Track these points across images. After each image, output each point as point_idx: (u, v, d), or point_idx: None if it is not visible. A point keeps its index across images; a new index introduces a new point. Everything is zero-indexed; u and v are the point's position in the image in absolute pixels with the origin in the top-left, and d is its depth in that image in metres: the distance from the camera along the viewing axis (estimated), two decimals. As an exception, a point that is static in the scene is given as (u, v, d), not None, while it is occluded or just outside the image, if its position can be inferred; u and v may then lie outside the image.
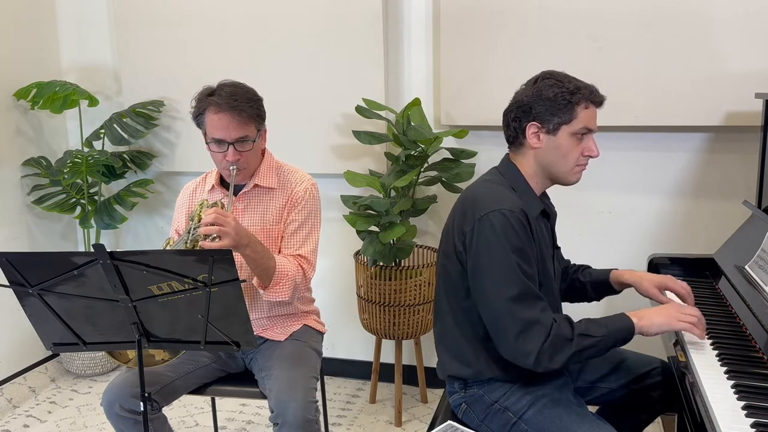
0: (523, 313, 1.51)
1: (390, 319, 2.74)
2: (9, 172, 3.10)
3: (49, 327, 1.65)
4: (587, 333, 1.53)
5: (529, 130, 1.62)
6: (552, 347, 1.50)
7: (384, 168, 2.90)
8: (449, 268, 1.67)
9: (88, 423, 2.89)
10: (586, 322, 1.56)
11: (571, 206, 2.68)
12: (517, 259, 1.53)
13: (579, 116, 1.59)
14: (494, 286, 1.54)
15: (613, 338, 1.54)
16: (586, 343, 1.52)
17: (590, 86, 1.62)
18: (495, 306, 1.54)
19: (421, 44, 2.84)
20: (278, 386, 1.87)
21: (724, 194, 2.56)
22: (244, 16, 2.94)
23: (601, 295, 1.91)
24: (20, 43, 3.12)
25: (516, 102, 1.65)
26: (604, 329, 1.54)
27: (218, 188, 2.09)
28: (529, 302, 1.52)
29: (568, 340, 1.51)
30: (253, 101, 1.95)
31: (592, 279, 1.90)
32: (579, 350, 1.52)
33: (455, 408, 1.73)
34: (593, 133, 1.64)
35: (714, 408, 1.32)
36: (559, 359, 1.51)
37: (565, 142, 1.61)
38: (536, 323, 1.51)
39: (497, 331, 1.56)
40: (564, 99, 1.58)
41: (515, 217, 1.55)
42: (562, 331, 1.52)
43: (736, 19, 2.36)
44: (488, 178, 1.71)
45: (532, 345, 1.50)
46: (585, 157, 1.64)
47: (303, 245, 2.04)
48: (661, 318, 1.56)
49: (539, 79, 1.63)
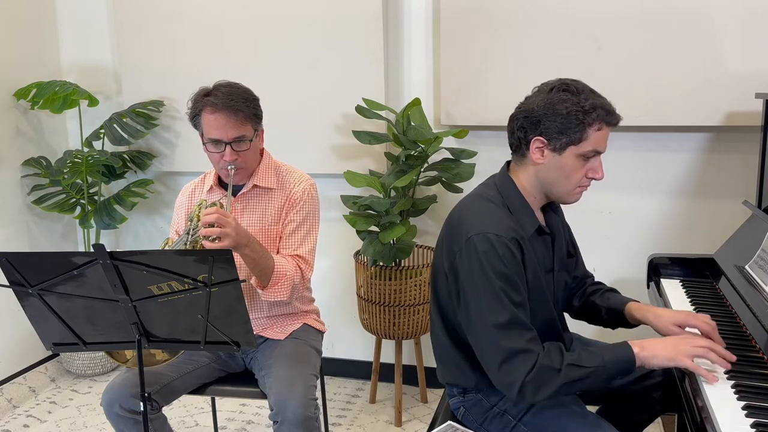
0: (507, 342, 1.44)
1: (390, 319, 2.74)
2: (9, 172, 3.10)
3: (49, 327, 1.65)
4: (578, 363, 1.43)
5: (534, 144, 1.52)
6: (537, 379, 1.41)
7: (384, 168, 2.90)
8: (439, 284, 1.62)
9: (88, 423, 2.89)
10: (580, 350, 1.47)
11: (571, 206, 2.66)
12: (501, 284, 1.45)
13: (590, 138, 1.48)
14: (478, 312, 1.47)
15: (610, 370, 1.43)
16: (576, 374, 1.42)
17: (607, 105, 1.50)
18: (479, 333, 1.48)
19: (421, 44, 2.84)
20: (278, 384, 1.88)
21: (724, 194, 2.56)
22: (245, 16, 2.94)
23: (615, 324, 1.78)
24: (20, 43, 3.12)
25: (525, 110, 1.53)
26: (600, 360, 1.43)
27: (217, 189, 2.09)
28: (515, 331, 1.44)
29: (555, 371, 1.42)
30: (250, 101, 1.95)
31: (607, 305, 1.76)
32: (568, 382, 1.42)
33: (455, 411, 1.72)
34: (601, 155, 1.54)
35: (714, 408, 1.32)
36: (545, 391, 1.42)
37: (569, 163, 1.51)
38: (520, 353, 1.43)
39: (482, 358, 1.50)
40: (577, 118, 1.46)
41: (501, 242, 1.47)
42: (550, 360, 1.43)
43: (736, 19, 2.36)
44: (483, 193, 1.62)
45: (515, 376, 1.42)
46: (588, 178, 1.54)
47: (301, 245, 2.04)
48: (667, 352, 1.43)
49: (554, 89, 1.50)
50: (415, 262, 2.92)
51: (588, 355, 1.44)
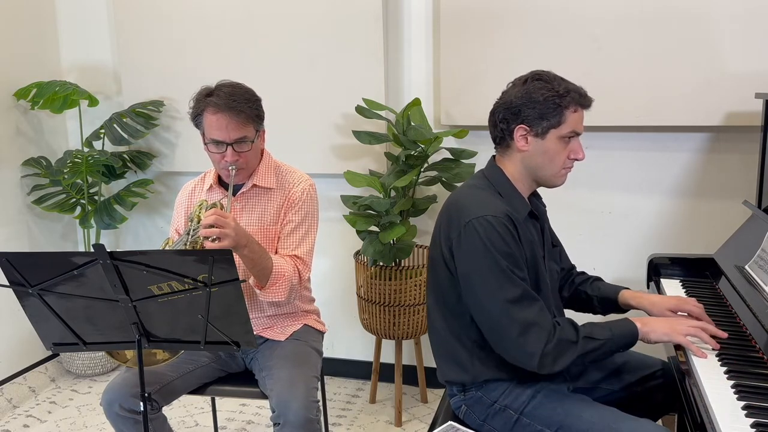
0: (522, 315, 1.52)
1: (390, 319, 2.74)
2: (9, 172, 3.10)
3: (49, 327, 1.65)
4: (591, 336, 1.54)
5: (517, 132, 1.62)
6: (556, 350, 1.51)
7: (384, 168, 2.90)
8: (438, 274, 1.67)
9: (88, 423, 2.89)
10: (590, 325, 1.57)
11: (571, 206, 2.68)
12: (507, 263, 1.54)
13: (568, 120, 1.59)
14: (489, 291, 1.54)
15: (617, 342, 1.56)
16: (591, 346, 1.54)
17: (579, 89, 1.61)
18: (492, 311, 1.54)
19: (421, 44, 2.84)
20: (279, 386, 1.87)
21: (724, 194, 2.56)
22: (245, 16, 2.94)
23: (607, 311, 1.89)
24: (20, 43, 3.12)
25: (504, 103, 1.64)
26: (608, 332, 1.55)
27: (217, 188, 2.09)
28: (526, 303, 1.53)
29: (573, 343, 1.53)
30: (252, 101, 1.95)
31: (599, 294, 1.88)
32: (583, 353, 1.53)
33: (456, 410, 1.73)
34: (579, 136, 1.64)
35: (714, 408, 1.32)
36: (562, 362, 1.52)
37: (552, 146, 1.61)
38: (535, 324, 1.51)
39: (496, 334, 1.56)
40: (554, 102, 1.57)
41: (500, 222, 1.55)
42: (566, 333, 1.53)
43: (736, 19, 2.36)
44: (473, 183, 1.70)
45: (535, 346, 1.50)
46: (571, 160, 1.64)
47: (299, 246, 2.04)
48: (665, 328, 1.57)
49: (528, 80, 1.61)
50: (415, 262, 2.92)
51: (598, 328, 1.56)
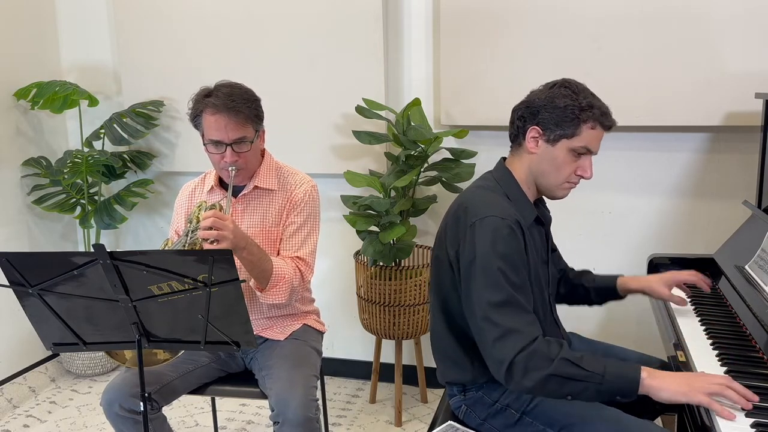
0: (502, 320, 1.45)
1: (390, 319, 2.74)
2: (9, 172, 3.10)
3: (49, 327, 1.65)
4: (575, 362, 1.40)
5: (530, 133, 1.60)
6: (527, 361, 1.41)
7: (384, 168, 2.90)
8: (441, 274, 1.65)
9: (88, 423, 2.89)
10: (586, 355, 1.43)
11: (571, 206, 2.67)
12: (501, 265, 1.48)
13: (582, 134, 1.55)
14: (478, 290, 1.50)
15: (609, 383, 1.39)
16: (569, 371, 1.39)
17: (604, 107, 1.57)
18: (476, 311, 1.50)
19: (421, 44, 2.84)
20: (279, 385, 1.88)
21: (724, 194, 2.56)
22: (245, 16, 2.94)
23: (604, 300, 1.90)
24: (20, 43, 3.12)
25: (527, 101, 1.62)
26: (601, 368, 1.40)
27: (217, 189, 2.09)
28: (512, 311, 1.46)
29: (548, 360, 1.40)
30: (251, 102, 1.95)
31: (596, 285, 1.88)
32: (557, 375, 1.40)
33: (456, 410, 1.72)
34: (592, 155, 1.60)
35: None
36: (532, 376, 1.40)
37: (561, 156, 1.57)
38: (515, 332, 1.44)
39: (477, 336, 1.53)
40: (573, 113, 1.54)
41: (506, 224, 1.51)
42: (546, 348, 1.42)
43: (736, 19, 2.36)
44: (482, 184, 1.67)
45: (506, 353, 1.43)
46: (577, 176, 1.60)
47: (301, 247, 2.04)
48: (681, 386, 1.36)
49: (556, 86, 1.59)
50: (415, 262, 2.92)
51: (591, 359, 1.42)
